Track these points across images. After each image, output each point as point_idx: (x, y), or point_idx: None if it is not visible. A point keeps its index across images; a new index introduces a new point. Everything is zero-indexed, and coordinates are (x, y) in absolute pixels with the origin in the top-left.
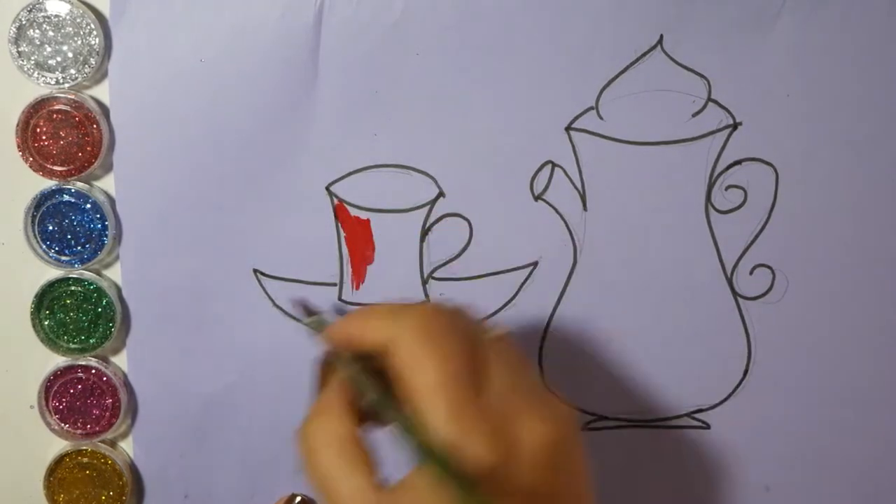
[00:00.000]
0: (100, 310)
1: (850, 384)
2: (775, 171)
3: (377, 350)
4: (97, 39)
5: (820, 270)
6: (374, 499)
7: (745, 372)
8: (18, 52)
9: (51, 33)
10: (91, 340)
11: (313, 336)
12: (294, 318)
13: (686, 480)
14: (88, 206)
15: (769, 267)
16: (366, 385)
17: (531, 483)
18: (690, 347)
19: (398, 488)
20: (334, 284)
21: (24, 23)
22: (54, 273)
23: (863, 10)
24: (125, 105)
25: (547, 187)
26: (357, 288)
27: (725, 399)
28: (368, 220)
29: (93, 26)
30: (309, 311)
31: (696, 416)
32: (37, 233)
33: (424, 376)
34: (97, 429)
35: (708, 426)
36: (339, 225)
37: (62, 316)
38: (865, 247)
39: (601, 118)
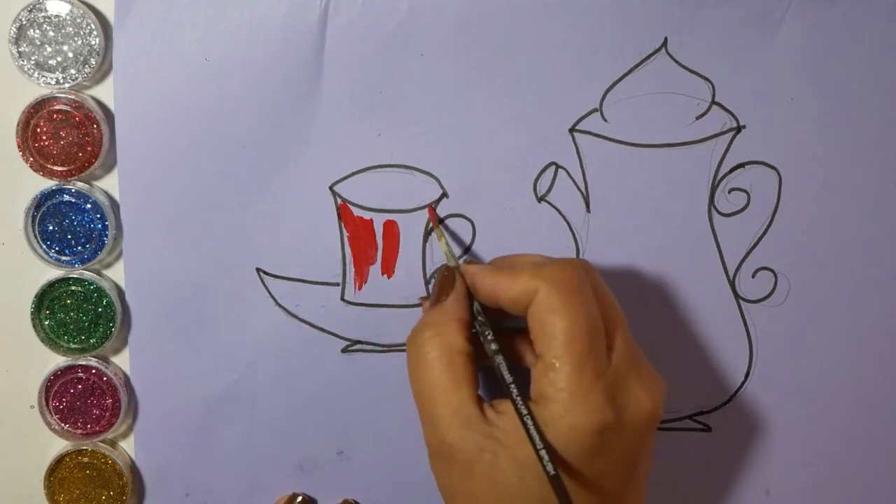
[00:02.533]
0: (100, 310)
1: (852, 388)
2: (778, 174)
3: (517, 301)
4: (97, 39)
5: (822, 274)
6: (474, 414)
7: (747, 375)
8: (19, 52)
9: (51, 33)
10: (91, 340)
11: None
12: (296, 317)
13: (686, 483)
14: (88, 206)
15: (771, 270)
16: (486, 329)
17: (627, 451)
18: (692, 350)
19: (494, 410)
20: (337, 284)
21: (24, 23)
22: (54, 273)
23: (866, 14)
24: (129, 103)
25: (550, 189)
26: (360, 288)
27: (727, 402)
28: (371, 221)
29: (93, 26)
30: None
31: (697, 418)
32: (37, 233)
33: (560, 325)
34: (97, 429)
35: (709, 429)
36: (343, 225)
37: (62, 316)
38: (868, 251)
39: (605, 120)
